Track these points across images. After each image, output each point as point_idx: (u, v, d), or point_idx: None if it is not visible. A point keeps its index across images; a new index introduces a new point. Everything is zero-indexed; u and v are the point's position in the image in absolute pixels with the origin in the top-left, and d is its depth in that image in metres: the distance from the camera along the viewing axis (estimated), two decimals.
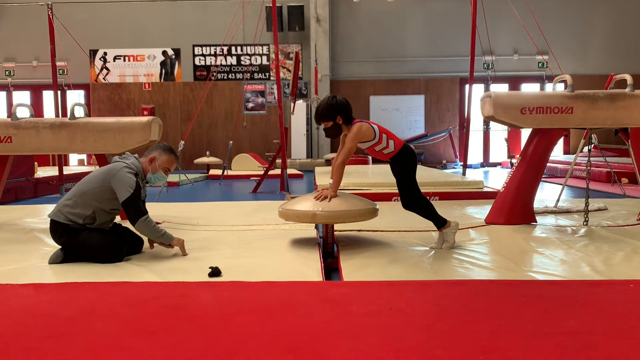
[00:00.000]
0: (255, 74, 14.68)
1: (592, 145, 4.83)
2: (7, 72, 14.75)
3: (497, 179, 10.16)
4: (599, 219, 4.69)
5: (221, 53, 14.28)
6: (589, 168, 4.48)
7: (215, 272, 2.89)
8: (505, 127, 11.08)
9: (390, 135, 3.52)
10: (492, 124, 13.21)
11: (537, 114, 4.15)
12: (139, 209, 3.23)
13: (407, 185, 3.53)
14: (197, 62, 14.69)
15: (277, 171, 9.02)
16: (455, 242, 3.55)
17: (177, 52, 14.71)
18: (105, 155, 4.76)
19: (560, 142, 14.26)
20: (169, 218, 4.87)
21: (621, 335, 1.96)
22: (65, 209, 3.25)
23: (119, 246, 3.28)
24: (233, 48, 14.39)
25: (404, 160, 3.54)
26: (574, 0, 14.38)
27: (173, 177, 9.36)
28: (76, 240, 3.20)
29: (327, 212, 3.36)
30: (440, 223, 3.52)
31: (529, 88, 14.73)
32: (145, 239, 3.49)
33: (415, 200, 3.54)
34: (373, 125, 3.50)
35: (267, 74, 14.69)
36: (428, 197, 6.34)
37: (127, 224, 3.58)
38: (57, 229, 3.25)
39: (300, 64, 13.67)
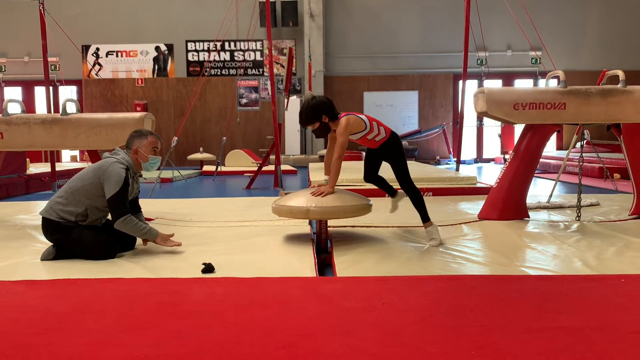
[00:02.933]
0: (249, 70, 14.63)
1: (585, 141, 4.85)
2: None
3: (490, 175, 10.19)
4: (591, 214, 4.72)
5: (214, 49, 14.23)
6: (581, 164, 4.50)
7: (208, 268, 2.88)
8: (499, 123, 11.11)
9: (379, 122, 3.61)
10: (485, 119, 13.25)
11: (530, 110, 4.17)
12: (121, 207, 3.18)
13: (403, 167, 3.59)
14: (190, 58, 14.64)
15: (271, 167, 9.00)
16: (442, 240, 3.53)
17: (170, 47, 14.65)
18: (98, 152, 4.74)
19: (553, 138, 14.31)
20: (162, 214, 4.86)
21: (613, 329, 1.97)
22: (57, 207, 3.23)
23: (112, 243, 3.26)
24: (226, 44, 14.34)
25: (396, 144, 3.62)
26: None
27: (166, 174, 9.34)
28: (69, 238, 3.18)
29: (320, 208, 3.36)
30: (426, 218, 3.58)
31: (523, 84, 14.77)
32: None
33: (411, 183, 3.61)
34: (361, 115, 3.55)
35: (260, 70, 14.65)
36: (422, 193, 6.38)
37: None
38: (49, 227, 3.23)
39: (294, 59, 13.66)
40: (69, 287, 2.62)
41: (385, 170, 3.74)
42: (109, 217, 3.58)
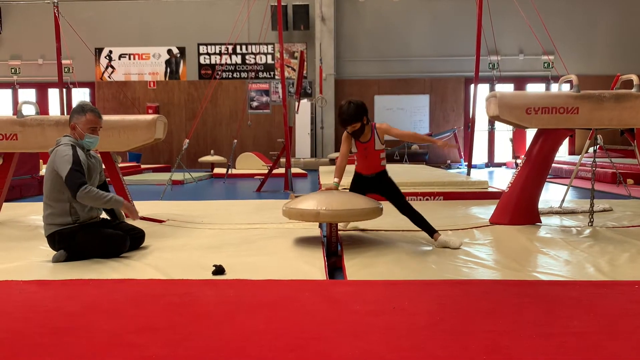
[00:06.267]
0: (260, 73, 14.68)
1: (598, 146, 4.81)
2: (13, 70, 14.80)
3: (501, 179, 10.13)
4: (604, 219, 4.67)
5: (226, 52, 14.30)
6: (594, 169, 4.47)
7: (219, 270, 2.89)
8: (510, 127, 11.04)
9: None
10: (497, 124, 13.17)
11: (543, 114, 4.14)
12: (76, 180, 3.13)
13: (401, 194, 3.75)
14: (202, 61, 14.71)
15: (281, 170, 9.02)
16: (454, 241, 3.57)
17: (182, 50, 14.73)
18: (110, 153, 4.77)
19: (566, 143, 14.19)
20: (173, 216, 4.88)
21: (625, 336, 1.95)
22: (49, 219, 3.26)
23: (121, 237, 3.29)
24: (238, 47, 14.40)
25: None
26: (580, 0, 14.34)
27: (177, 176, 9.38)
28: (76, 242, 3.20)
29: (331, 211, 3.36)
30: (432, 231, 3.65)
31: (535, 88, 14.67)
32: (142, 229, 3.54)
33: (409, 206, 3.74)
34: None
35: (271, 73, 14.69)
36: (432, 198, 6.40)
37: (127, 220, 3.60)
38: (54, 240, 3.25)
39: (305, 63, 13.68)
40: (80, 287, 2.64)
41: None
42: (105, 215, 3.61)
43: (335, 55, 14.40)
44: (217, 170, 11.36)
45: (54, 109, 14.75)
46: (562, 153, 13.99)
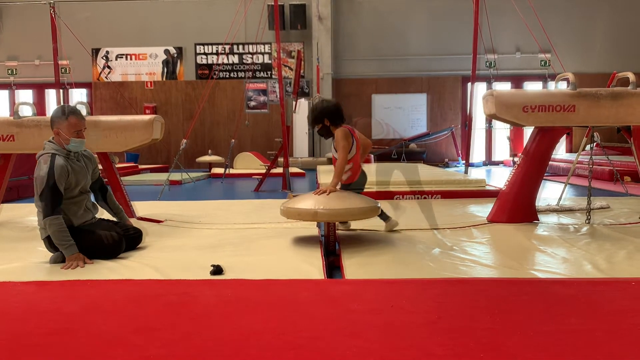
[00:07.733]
0: (258, 73, 14.67)
1: (595, 144, 4.82)
2: (10, 71, 14.78)
3: (499, 178, 10.14)
4: (601, 217, 4.68)
5: (223, 52, 14.29)
6: (591, 166, 4.47)
7: (217, 270, 2.89)
8: (508, 126, 11.06)
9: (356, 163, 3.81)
10: (494, 122, 13.19)
11: (540, 112, 4.14)
12: (46, 207, 3.07)
13: None
14: (199, 61, 14.70)
15: (279, 170, 9.02)
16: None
17: (179, 50, 14.72)
18: (108, 154, 4.77)
19: (563, 141, 14.20)
20: (171, 216, 4.88)
21: (623, 333, 1.96)
22: (42, 223, 3.22)
23: (116, 240, 3.27)
24: (235, 47, 14.39)
25: None
26: None
27: (175, 176, 9.37)
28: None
29: (328, 210, 3.36)
30: None
31: (532, 86, 14.69)
32: (141, 228, 3.55)
33: None
34: (354, 138, 3.74)
35: (269, 73, 14.69)
36: (430, 196, 6.43)
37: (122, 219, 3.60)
38: (51, 243, 3.21)
39: (303, 62, 13.67)
40: (78, 287, 2.64)
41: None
42: (109, 216, 3.60)
43: (333, 54, 14.40)
44: (215, 170, 11.35)
45: (51, 109, 14.71)
46: (560, 151, 14.00)
